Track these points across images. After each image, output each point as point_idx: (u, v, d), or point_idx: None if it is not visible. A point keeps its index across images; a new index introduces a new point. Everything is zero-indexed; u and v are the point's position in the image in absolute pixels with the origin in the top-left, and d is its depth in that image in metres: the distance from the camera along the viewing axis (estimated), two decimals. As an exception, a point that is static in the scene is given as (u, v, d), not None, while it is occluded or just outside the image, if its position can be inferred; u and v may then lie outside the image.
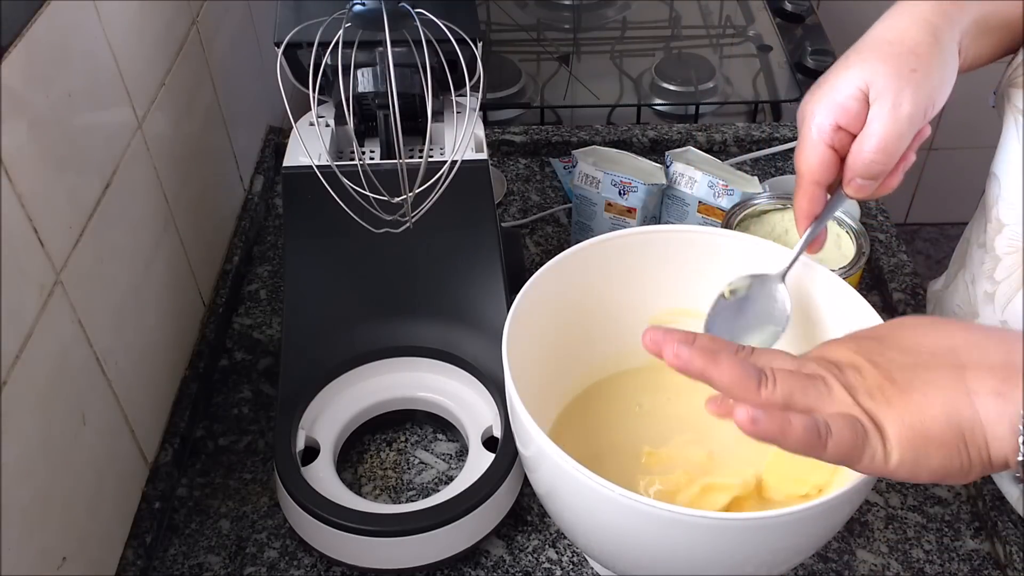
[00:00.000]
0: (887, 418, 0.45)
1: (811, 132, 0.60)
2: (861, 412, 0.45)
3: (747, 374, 0.46)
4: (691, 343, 0.47)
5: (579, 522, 0.58)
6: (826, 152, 0.60)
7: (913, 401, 0.45)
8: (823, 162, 0.60)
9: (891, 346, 0.48)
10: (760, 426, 0.43)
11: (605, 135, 1.07)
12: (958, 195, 2.05)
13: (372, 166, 0.72)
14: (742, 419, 0.44)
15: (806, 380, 0.46)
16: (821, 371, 0.47)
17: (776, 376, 0.46)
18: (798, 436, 0.44)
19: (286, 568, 0.70)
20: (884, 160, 0.59)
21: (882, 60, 0.59)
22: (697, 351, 0.46)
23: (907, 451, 0.44)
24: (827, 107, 0.60)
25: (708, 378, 0.46)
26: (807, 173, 0.61)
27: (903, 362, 0.46)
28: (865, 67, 0.59)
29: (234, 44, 0.96)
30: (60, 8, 0.59)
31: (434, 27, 0.65)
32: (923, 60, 0.59)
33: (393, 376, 0.77)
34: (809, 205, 0.62)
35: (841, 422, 0.44)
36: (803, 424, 0.44)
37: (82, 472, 0.62)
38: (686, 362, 0.46)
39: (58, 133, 0.60)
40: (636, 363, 0.73)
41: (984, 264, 0.68)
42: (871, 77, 0.59)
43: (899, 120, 0.58)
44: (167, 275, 0.77)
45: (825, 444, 0.44)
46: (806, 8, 1.34)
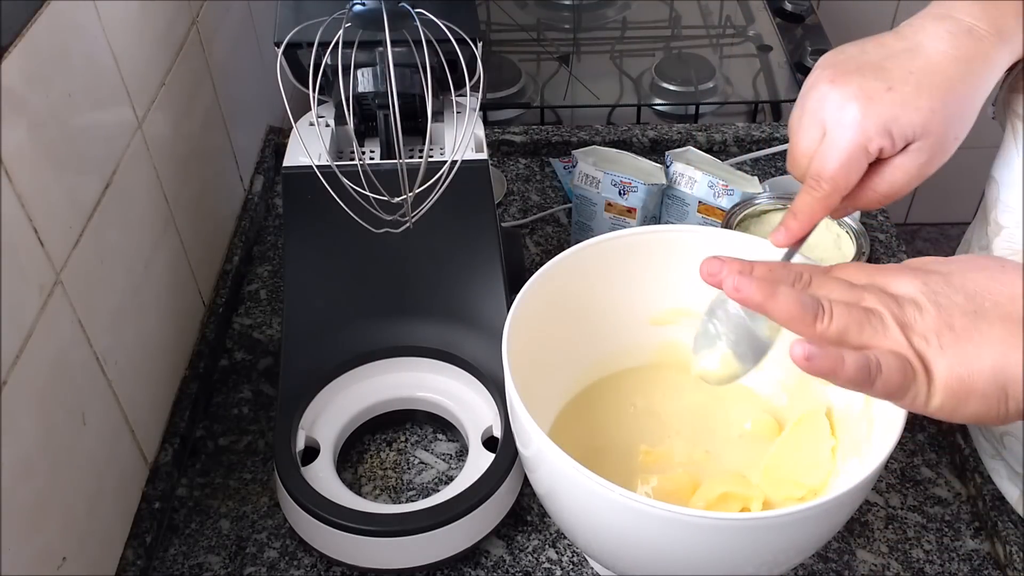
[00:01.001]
0: (937, 363, 0.45)
1: (857, 146, 0.56)
2: (913, 353, 0.46)
3: (804, 308, 0.46)
4: (750, 273, 0.48)
5: (579, 522, 0.58)
6: (864, 169, 0.57)
7: (966, 352, 0.45)
8: (857, 178, 0.57)
9: (957, 287, 0.47)
10: (814, 363, 0.45)
11: (605, 135, 1.07)
12: (958, 195, 2.06)
13: (372, 166, 0.72)
14: (797, 355, 0.45)
15: (862, 315, 0.47)
16: (879, 306, 0.47)
17: (833, 310, 0.46)
18: (849, 375, 0.45)
19: (286, 568, 0.70)
20: (885, 203, 0.59)
21: (945, 120, 0.56)
22: (756, 284, 0.47)
23: (949, 398, 0.45)
24: (881, 132, 0.55)
25: (766, 311, 0.47)
26: (838, 185, 0.56)
27: (965, 307, 0.46)
28: (929, 118, 0.55)
29: (234, 44, 0.96)
30: (60, 8, 0.59)
31: (434, 27, 0.65)
32: (966, 129, 0.57)
33: (393, 376, 0.77)
34: (824, 211, 0.57)
35: (892, 362, 0.45)
36: (855, 363, 0.45)
37: (82, 472, 0.62)
38: (747, 295, 0.47)
39: (58, 133, 0.60)
40: (636, 362, 0.73)
41: None
42: (928, 131, 0.55)
43: (919, 178, 0.58)
44: (167, 275, 0.77)
45: (874, 382, 0.45)
46: (806, 8, 1.34)
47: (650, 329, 0.73)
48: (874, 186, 0.58)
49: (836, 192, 0.57)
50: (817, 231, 0.79)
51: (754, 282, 0.47)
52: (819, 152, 0.57)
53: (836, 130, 0.56)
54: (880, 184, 0.58)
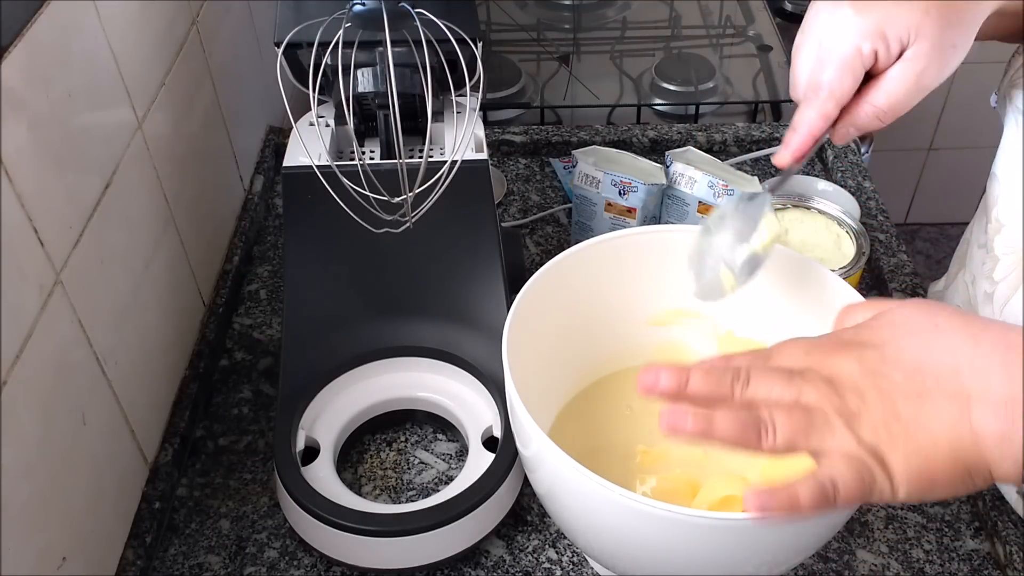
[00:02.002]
0: (892, 457, 0.44)
1: (850, 49, 0.56)
2: (865, 451, 0.44)
3: (746, 430, 0.45)
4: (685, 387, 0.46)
5: (579, 522, 0.58)
6: (860, 76, 0.57)
7: (918, 441, 0.44)
8: (854, 86, 0.57)
9: (894, 363, 0.45)
10: (770, 514, 0.43)
11: (605, 135, 1.07)
12: (958, 195, 2.06)
13: (372, 166, 0.72)
14: (751, 508, 0.43)
15: (805, 420, 0.45)
16: (821, 402, 0.45)
17: (775, 423, 0.45)
18: (809, 507, 0.43)
19: (286, 568, 0.70)
20: (884, 121, 0.58)
21: (938, 21, 0.55)
22: (692, 418, 0.45)
23: (914, 487, 0.44)
24: (874, 32, 0.55)
25: (708, 440, 0.45)
26: (834, 92, 0.57)
27: (907, 390, 0.45)
28: (922, 18, 0.55)
29: (234, 44, 0.96)
30: (60, 8, 0.59)
31: (434, 27, 0.65)
32: (964, 36, 0.57)
33: (393, 376, 0.77)
34: (823, 124, 0.58)
35: (847, 473, 0.44)
36: (811, 495, 0.43)
37: (82, 472, 0.62)
38: (686, 432, 0.45)
39: (58, 133, 0.60)
40: (636, 362, 0.73)
41: (984, 264, 0.68)
42: (921, 32, 0.55)
43: (917, 90, 0.57)
44: (167, 275, 0.77)
45: (835, 500, 0.44)
46: (806, 8, 1.34)
47: (649, 329, 0.73)
48: (873, 99, 0.57)
49: (832, 99, 0.57)
50: (817, 231, 0.79)
51: (687, 415, 0.45)
52: (815, 62, 0.58)
53: (830, 37, 0.57)
54: (878, 96, 0.57)
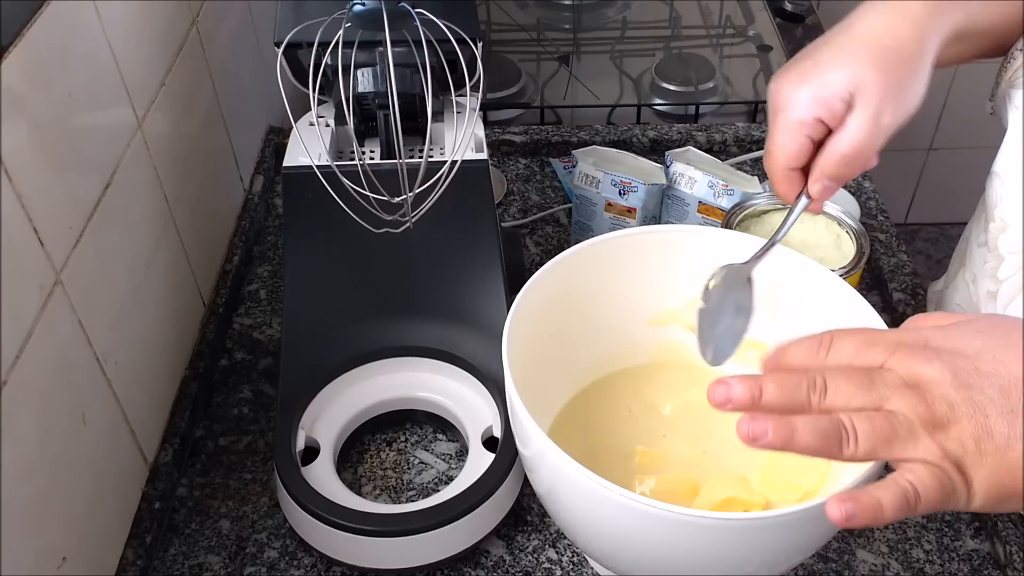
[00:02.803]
0: (976, 472, 0.43)
1: (791, 121, 0.60)
2: (949, 463, 0.43)
3: (828, 439, 0.44)
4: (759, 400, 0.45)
5: (579, 522, 0.58)
6: (804, 141, 0.60)
7: (1007, 460, 0.43)
8: (800, 150, 0.61)
9: (989, 376, 0.44)
10: (855, 521, 0.43)
11: (605, 135, 1.07)
12: (958, 195, 2.05)
13: (372, 166, 0.72)
14: (836, 518, 0.43)
15: (888, 429, 0.44)
16: (905, 409, 0.44)
17: (857, 431, 0.43)
18: (891, 516, 0.43)
19: (286, 568, 0.70)
20: (855, 166, 0.60)
21: (874, 66, 0.58)
22: (773, 428, 0.44)
23: (990, 500, 0.44)
24: (812, 101, 0.59)
25: (790, 451, 0.44)
26: (784, 159, 0.61)
27: (1002, 405, 0.43)
28: (857, 71, 0.58)
29: (234, 44, 0.96)
30: (60, 8, 0.59)
31: (434, 27, 0.65)
32: (911, 72, 0.59)
33: (393, 376, 0.77)
34: (790, 187, 0.62)
35: (929, 480, 0.43)
36: (895, 503, 0.43)
37: (82, 472, 0.62)
38: (766, 443, 0.44)
39: (58, 133, 0.60)
40: (635, 362, 0.73)
41: (987, 263, 0.68)
42: (860, 83, 0.58)
43: (878, 130, 0.59)
44: (167, 275, 0.77)
45: (916, 509, 0.43)
46: (806, 8, 1.34)
47: (649, 329, 0.73)
48: (836, 147, 0.60)
49: (783, 163, 0.61)
50: (817, 231, 0.79)
51: (768, 427, 0.44)
52: (769, 132, 0.62)
53: (778, 110, 0.61)
54: (839, 144, 0.60)
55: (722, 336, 0.63)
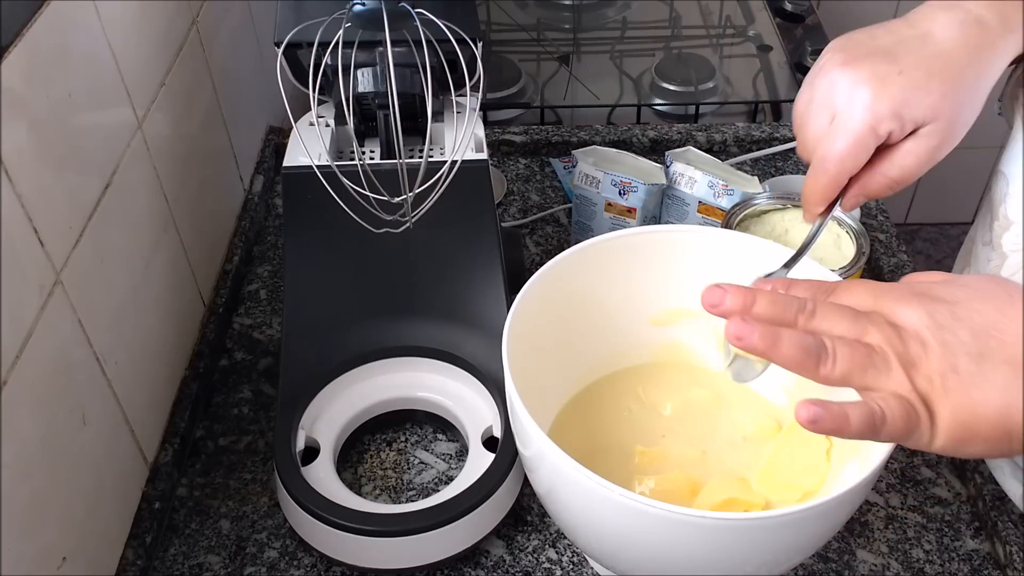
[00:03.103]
0: (940, 407, 0.45)
1: (864, 130, 0.57)
2: (916, 396, 0.45)
3: (807, 354, 0.46)
4: (751, 307, 0.47)
5: (579, 522, 0.58)
6: (871, 151, 0.58)
7: (970, 397, 0.45)
8: (864, 160, 0.58)
9: (963, 320, 0.46)
10: (820, 424, 0.45)
11: (605, 135, 1.07)
12: (958, 195, 2.06)
13: (372, 166, 0.72)
14: (802, 418, 0.45)
15: (865, 357, 0.46)
16: (883, 343, 0.46)
17: (836, 353, 0.46)
18: (855, 430, 0.45)
19: (286, 568, 0.70)
20: (896, 189, 0.59)
21: (954, 100, 0.57)
22: (759, 331, 0.46)
23: (952, 439, 0.45)
24: (892, 117, 0.56)
25: (769, 357, 0.46)
26: (845, 170, 0.58)
27: (970, 348, 0.45)
28: (941, 102, 0.56)
29: (234, 44, 0.96)
30: (60, 8, 0.59)
31: (434, 27, 0.65)
32: (975, 110, 0.58)
33: (393, 376, 0.77)
34: (833, 192, 0.59)
35: (896, 409, 0.45)
36: (860, 418, 0.45)
37: (82, 472, 0.62)
38: (749, 344, 0.46)
39: (58, 133, 0.60)
40: (636, 362, 0.73)
41: (991, 262, 0.68)
42: (939, 115, 0.57)
43: (929, 163, 0.58)
44: (167, 275, 0.77)
45: (879, 432, 0.45)
46: (806, 8, 1.34)
47: (650, 329, 0.73)
48: (884, 171, 0.59)
49: (843, 174, 0.58)
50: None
51: (756, 330, 0.46)
52: (828, 134, 0.58)
53: (846, 112, 0.57)
54: (891, 169, 0.58)
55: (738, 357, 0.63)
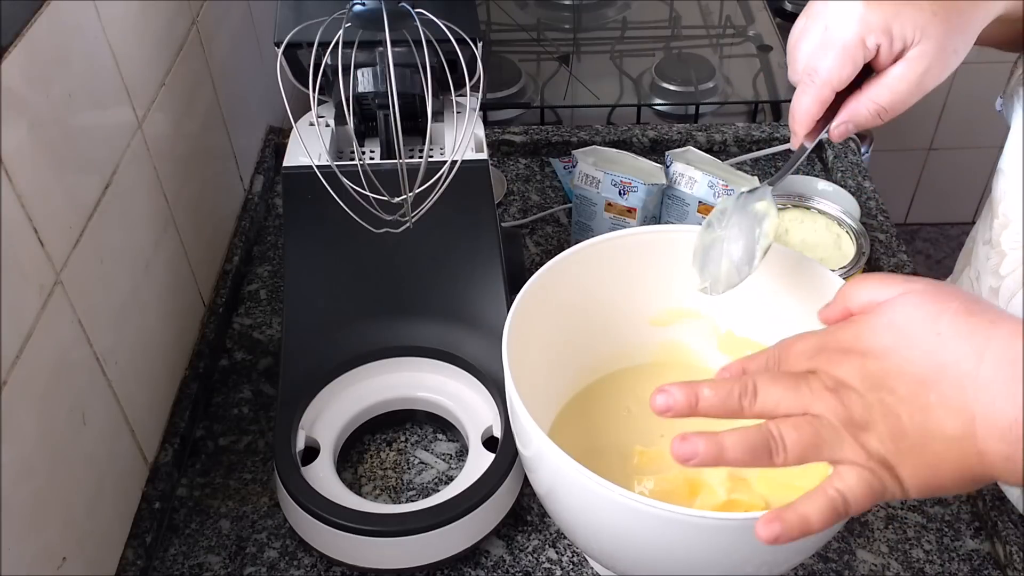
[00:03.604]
0: (902, 468, 0.44)
1: (852, 40, 0.57)
2: (875, 462, 0.44)
3: (756, 452, 0.45)
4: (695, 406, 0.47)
5: (579, 522, 0.58)
6: (857, 67, 0.57)
7: (925, 458, 0.44)
8: (850, 75, 0.58)
9: (897, 376, 0.45)
10: (784, 538, 0.44)
11: (605, 135, 1.07)
12: (958, 195, 2.06)
13: (372, 166, 0.72)
14: (764, 537, 0.44)
15: (814, 435, 0.45)
16: (827, 412, 0.45)
17: (784, 440, 0.45)
18: (821, 524, 0.44)
19: (286, 568, 0.70)
20: (885, 119, 0.58)
21: (943, 24, 0.56)
22: (703, 445, 0.45)
23: (924, 491, 0.45)
24: (881, 29, 0.56)
25: (720, 464, 0.45)
26: (831, 78, 0.57)
27: (911, 404, 0.44)
28: (931, 20, 0.56)
29: (234, 44, 0.96)
30: (60, 8, 0.59)
31: (434, 27, 0.65)
32: (965, 41, 0.58)
33: (393, 376, 0.77)
34: (818, 108, 0.59)
35: (857, 483, 0.44)
36: (822, 514, 0.44)
37: (82, 472, 0.62)
38: (697, 460, 0.45)
39: (58, 133, 0.60)
40: (636, 362, 0.73)
41: (990, 259, 0.68)
42: (927, 34, 0.56)
43: (919, 89, 0.57)
44: (167, 275, 0.77)
45: (847, 513, 0.45)
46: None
47: (650, 329, 0.73)
48: (874, 96, 0.58)
49: (828, 86, 0.58)
50: (817, 231, 0.79)
51: (700, 444, 0.45)
52: (818, 47, 0.58)
53: (836, 24, 0.57)
54: (880, 93, 0.58)
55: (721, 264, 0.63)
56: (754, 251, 0.62)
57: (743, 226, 0.63)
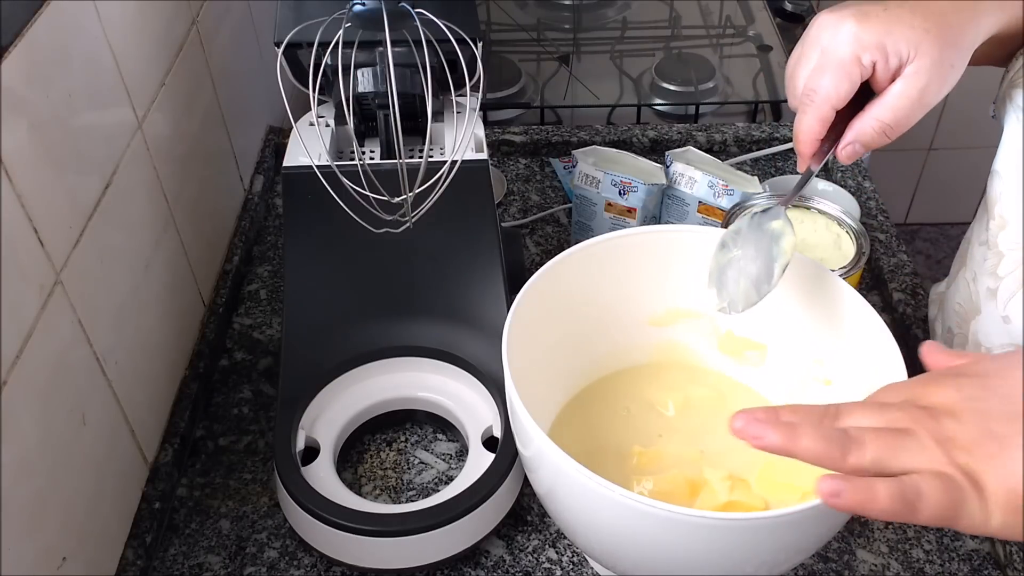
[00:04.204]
0: (986, 475, 0.42)
1: (848, 58, 0.58)
2: (956, 469, 0.42)
3: (831, 444, 0.43)
4: (772, 421, 0.44)
5: (579, 522, 0.58)
6: (854, 85, 0.58)
7: (1013, 459, 0.42)
8: (848, 93, 0.58)
9: (993, 389, 0.44)
10: (843, 498, 0.41)
11: (605, 135, 1.07)
12: (958, 195, 2.06)
13: (372, 166, 0.72)
14: (824, 492, 0.42)
15: (895, 439, 0.43)
16: (912, 424, 0.44)
17: (864, 440, 0.43)
18: (884, 506, 0.41)
19: (286, 568, 0.70)
20: (891, 136, 0.59)
21: (938, 39, 0.57)
22: (776, 428, 0.44)
23: (1009, 513, 0.42)
24: (876, 46, 0.57)
25: (790, 454, 0.44)
26: (829, 95, 0.58)
27: (1004, 411, 0.43)
28: (924, 38, 0.57)
29: (234, 44, 0.96)
30: (60, 8, 0.59)
31: (434, 27, 0.65)
32: (961, 57, 0.59)
33: (393, 376, 0.77)
34: (820, 127, 0.59)
35: (934, 484, 0.42)
36: (890, 493, 0.41)
37: (82, 472, 0.62)
38: (767, 442, 0.44)
39: (58, 133, 0.60)
40: (635, 362, 0.73)
41: (987, 261, 0.68)
42: (922, 51, 0.57)
43: (920, 106, 0.58)
44: (167, 275, 0.77)
45: (916, 509, 0.42)
46: (806, 8, 1.34)
47: (650, 329, 0.73)
48: (877, 114, 0.59)
49: (828, 103, 0.59)
50: (817, 231, 0.79)
51: (771, 427, 0.44)
52: (815, 69, 0.59)
53: (832, 46, 0.59)
54: (883, 111, 0.59)
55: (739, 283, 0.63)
56: (772, 269, 0.62)
57: (759, 245, 0.64)
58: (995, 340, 0.69)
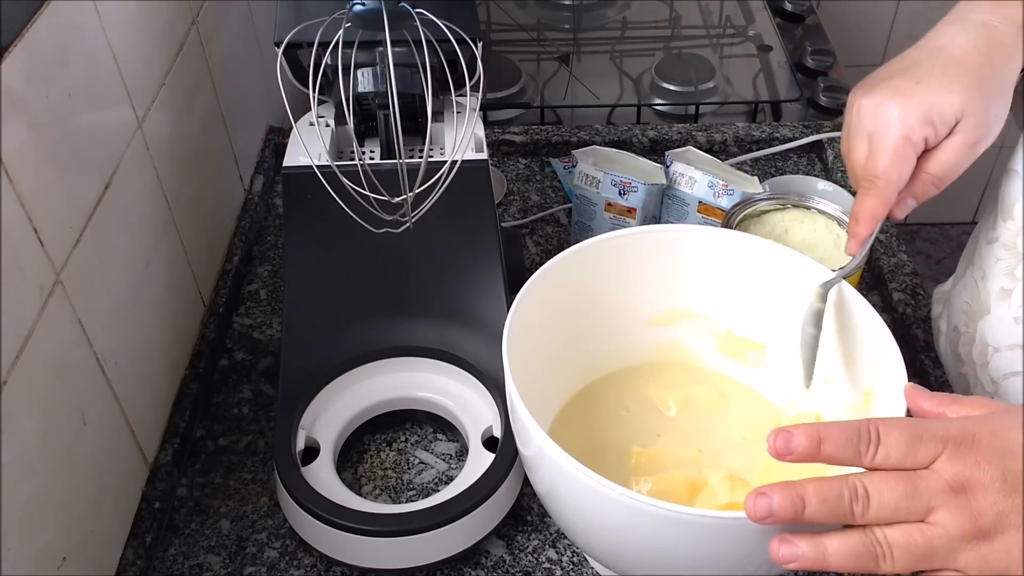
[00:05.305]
0: None
1: (899, 142, 0.59)
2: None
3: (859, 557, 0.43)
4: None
5: (579, 522, 0.58)
6: (914, 162, 0.60)
7: None
8: (909, 171, 0.60)
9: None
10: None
11: (605, 135, 1.07)
12: (958, 195, 2.05)
13: (372, 166, 0.72)
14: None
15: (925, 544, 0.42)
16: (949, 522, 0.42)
17: (892, 547, 0.42)
18: None
19: (286, 568, 0.70)
20: (941, 188, 0.61)
21: (979, 94, 0.59)
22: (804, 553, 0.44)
23: None
24: (921, 122, 0.59)
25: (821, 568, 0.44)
26: (891, 180, 0.60)
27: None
28: (966, 97, 0.59)
29: (234, 44, 0.96)
30: (60, 8, 0.59)
31: (434, 27, 0.65)
32: (1004, 105, 0.60)
33: (393, 376, 0.77)
34: (884, 210, 0.61)
35: None
36: None
37: (82, 472, 0.62)
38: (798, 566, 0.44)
39: (58, 133, 0.60)
40: (635, 362, 0.73)
41: (1000, 261, 0.68)
42: (968, 110, 0.58)
43: (970, 157, 0.60)
44: (167, 275, 0.77)
45: None
46: (806, 8, 1.34)
47: (649, 329, 0.73)
48: (929, 169, 0.60)
49: (890, 187, 0.60)
50: (817, 231, 0.79)
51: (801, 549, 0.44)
52: (869, 155, 0.61)
53: (879, 131, 0.60)
54: (933, 166, 0.60)
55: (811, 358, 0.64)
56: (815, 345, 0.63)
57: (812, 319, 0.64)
58: (1003, 341, 0.69)
